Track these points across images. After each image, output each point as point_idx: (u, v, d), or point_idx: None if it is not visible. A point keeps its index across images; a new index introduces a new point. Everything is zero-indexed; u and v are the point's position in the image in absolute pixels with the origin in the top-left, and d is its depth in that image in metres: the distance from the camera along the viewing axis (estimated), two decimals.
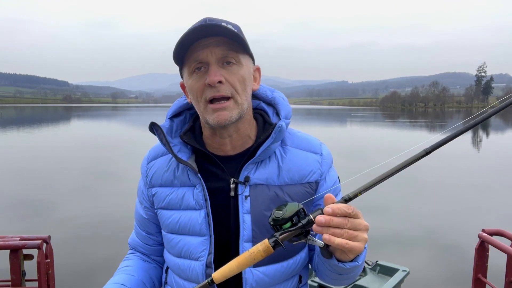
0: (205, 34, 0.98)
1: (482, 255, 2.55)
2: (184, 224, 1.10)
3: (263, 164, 1.09)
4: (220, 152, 1.12)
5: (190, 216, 1.09)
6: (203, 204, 1.07)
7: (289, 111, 1.14)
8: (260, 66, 1.15)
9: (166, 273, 1.23)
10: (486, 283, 2.54)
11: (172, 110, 1.18)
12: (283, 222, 0.84)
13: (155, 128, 1.11)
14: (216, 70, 0.99)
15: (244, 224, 1.06)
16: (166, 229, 1.16)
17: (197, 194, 1.08)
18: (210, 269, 1.06)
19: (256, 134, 1.14)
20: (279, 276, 1.09)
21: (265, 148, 1.06)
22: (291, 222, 0.84)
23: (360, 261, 0.95)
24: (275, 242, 0.83)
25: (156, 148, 1.21)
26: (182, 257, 1.12)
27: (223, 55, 1.00)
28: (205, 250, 1.08)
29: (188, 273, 1.11)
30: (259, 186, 1.08)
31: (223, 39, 0.99)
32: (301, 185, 1.11)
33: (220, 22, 0.98)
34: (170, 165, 1.15)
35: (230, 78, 1.00)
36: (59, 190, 9.64)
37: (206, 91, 1.00)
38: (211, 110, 1.01)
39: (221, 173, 1.09)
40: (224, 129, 1.06)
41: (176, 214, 1.12)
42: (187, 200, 1.10)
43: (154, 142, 1.21)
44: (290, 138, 1.16)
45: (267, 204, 1.07)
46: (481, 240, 2.54)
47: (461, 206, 8.25)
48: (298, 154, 1.13)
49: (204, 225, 1.07)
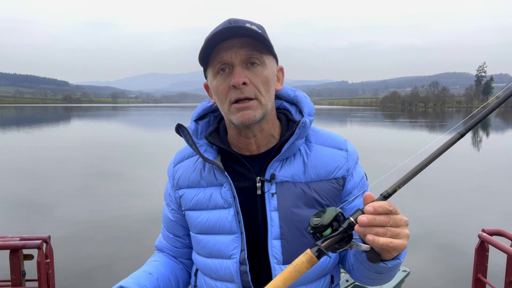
0: (230, 35, 0.99)
1: (482, 255, 2.55)
2: (213, 224, 1.11)
3: (288, 161, 1.10)
4: (245, 151, 1.13)
5: (219, 215, 1.10)
6: (232, 202, 1.08)
7: (312, 109, 1.15)
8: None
9: (195, 276, 1.23)
10: (486, 283, 2.54)
11: (196, 113, 1.19)
12: (323, 229, 0.80)
13: (181, 130, 1.13)
14: (240, 71, 1.00)
15: (272, 222, 1.06)
16: (194, 230, 1.16)
17: (225, 193, 1.09)
18: (244, 266, 1.07)
19: (280, 133, 1.15)
20: (310, 274, 1.07)
21: (290, 144, 1.07)
22: (331, 228, 0.80)
23: (402, 259, 0.93)
24: (319, 251, 0.79)
25: (182, 151, 1.24)
26: (213, 257, 1.12)
27: (247, 56, 1.01)
28: (237, 247, 1.08)
29: (220, 272, 1.11)
30: (285, 183, 1.09)
31: (247, 40, 1.00)
32: (328, 181, 1.11)
33: (244, 23, 1.00)
34: (196, 166, 1.16)
35: (254, 79, 1.02)
36: (59, 190, 9.64)
37: (230, 93, 1.02)
38: (235, 110, 1.02)
39: (246, 172, 1.10)
40: (248, 129, 1.07)
41: (204, 214, 1.13)
42: (215, 199, 1.11)
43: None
44: (314, 136, 1.16)
45: (294, 201, 1.07)
46: (481, 240, 2.54)
47: (461, 206, 8.26)
48: (323, 151, 1.13)
49: (234, 223, 1.08)
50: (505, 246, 2.36)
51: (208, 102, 1.20)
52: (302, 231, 1.07)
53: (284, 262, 1.06)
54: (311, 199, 1.09)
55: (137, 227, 6.65)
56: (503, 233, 2.50)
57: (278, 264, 1.06)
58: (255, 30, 0.98)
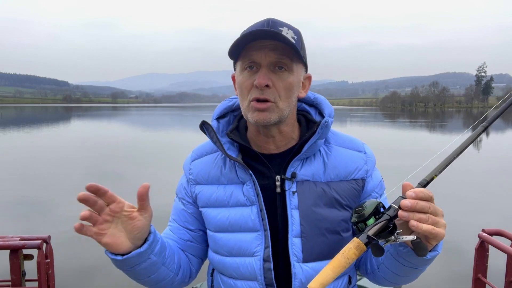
0: (264, 36, 1.00)
1: (482, 255, 2.55)
2: (235, 221, 1.10)
3: (308, 161, 1.11)
4: (264, 150, 1.14)
5: (241, 212, 1.10)
6: (255, 199, 1.09)
7: (332, 110, 1.16)
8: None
9: (211, 276, 1.22)
10: (486, 283, 2.54)
11: (217, 112, 1.20)
12: (366, 218, 0.82)
13: (205, 127, 1.14)
14: (265, 73, 1.02)
15: (293, 219, 1.07)
16: (213, 228, 1.14)
17: (247, 191, 1.09)
18: (268, 263, 1.07)
19: (300, 134, 1.16)
20: None
21: (311, 143, 1.08)
22: (375, 218, 0.82)
23: (439, 250, 0.94)
24: (368, 238, 0.80)
25: (201, 147, 1.24)
26: (233, 255, 1.11)
27: (276, 60, 1.02)
28: (260, 245, 1.08)
29: (242, 270, 1.10)
30: (306, 182, 1.10)
31: (280, 44, 1.01)
32: (348, 182, 1.12)
33: (283, 26, 1.02)
34: (216, 163, 1.16)
35: (278, 83, 1.03)
36: (59, 190, 9.64)
37: (252, 91, 1.04)
38: (253, 108, 1.04)
39: (266, 171, 1.11)
40: (266, 129, 1.09)
41: (224, 211, 1.12)
42: (236, 197, 1.11)
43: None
44: (333, 137, 1.18)
45: (315, 200, 1.08)
46: (481, 240, 2.54)
47: (461, 206, 8.26)
48: (343, 152, 1.15)
49: (257, 220, 1.08)
50: (505, 246, 2.36)
51: (229, 101, 1.22)
52: (322, 230, 1.08)
53: (304, 260, 1.07)
54: (331, 199, 1.10)
55: None
56: (503, 233, 2.50)
57: (298, 262, 1.07)
58: (288, 39, 0.99)
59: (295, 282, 1.06)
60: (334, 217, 1.09)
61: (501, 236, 2.52)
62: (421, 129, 35.22)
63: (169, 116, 65.47)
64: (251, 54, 1.02)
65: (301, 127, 1.17)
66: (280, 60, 1.02)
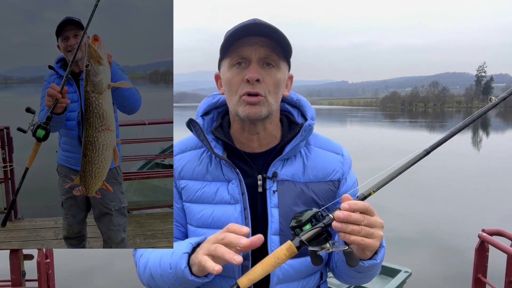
0: (254, 32, 1.03)
1: (482, 255, 2.55)
2: (217, 218, 1.11)
3: (289, 162, 1.15)
4: (247, 148, 1.16)
5: (224, 210, 1.11)
6: (239, 198, 1.11)
7: (314, 113, 1.20)
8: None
9: None
10: (486, 283, 2.54)
11: (202, 108, 1.21)
12: (303, 224, 0.87)
13: (192, 125, 1.16)
14: (256, 68, 1.04)
15: (272, 218, 1.10)
16: (196, 223, 1.15)
17: (232, 189, 1.11)
18: (247, 261, 1.08)
19: (282, 134, 1.19)
20: (304, 270, 1.13)
21: (294, 145, 1.12)
22: (311, 224, 0.87)
23: (378, 259, 1.00)
24: (300, 242, 0.86)
25: (185, 141, 1.24)
26: None
27: (265, 56, 1.04)
28: None
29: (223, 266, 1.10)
30: (286, 182, 1.13)
31: (268, 41, 1.04)
32: (325, 183, 1.17)
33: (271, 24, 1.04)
34: (203, 160, 1.17)
35: (267, 79, 1.05)
36: None
37: (242, 86, 1.05)
38: (244, 102, 1.05)
39: (248, 170, 1.13)
40: (252, 125, 1.11)
41: (208, 208, 1.13)
42: (221, 194, 1.12)
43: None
44: (313, 139, 1.22)
45: (294, 199, 1.12)
46: (481, 240, 2.54)
47: (461, 206, 8.26)
48: (322, 154, 1.19)
49: (240, 219, 1.10)
50: (505, 246, 2.36)
51: (213, 98, 1.23)
52: None
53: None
54: (309, 199, 1.14)
55: None
56: (503, 233, 2.50)
57: None
58: (280, 33, 1.02)
59: (273, 278, 1.09)
60: None
61: (501, 236, 2.52)
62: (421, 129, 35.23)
63: None
64: (242, 50, 1.04)
65: (283, 127, 1.19)
66: (268, 57, 1.04)
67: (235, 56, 1.05)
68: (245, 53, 1.04)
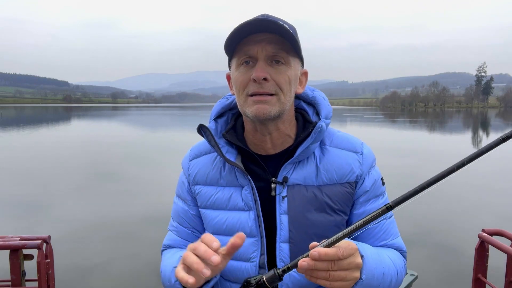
0: (260, 29, 0.98)
1: (482, 255, 2.55)
2: (232, 225, 1.09)
3: (301, 164, 1.09)
4: (261, 150, 1.12)
5: (238, 217, 1.09)
6: (253, 205, 1.07)
7: (329, 111, 1.13)
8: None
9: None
10: (486, 283, 2.54)
11: (215, 111, 1.18)
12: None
13: (203, 130, 1.12)
14: (263, 66, 0.99)
15: (281, 225, 1.06)
16: (211, 229, 1.13)
17: (246, 195, 1.08)
18: (263, 270, 1.06)
19: (296, 133, 1.13)
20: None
21: (304, 148, 1.06)
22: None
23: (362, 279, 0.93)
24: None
25: (199, 146, 1.22)
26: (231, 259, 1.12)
27: (273, 53, 1.00)
28: (257, 251, 1.07)
29: (239, 274, 1.09)
30: (297, 187, 1.08)
31: (276, 37, 0.99)
32: (341, 185, 1.09)
33: (277, 20, 0.98)
34: (216, 164, 1.15)
35: (276, 77, 1.01)
36: (59, 189, 9.63)
37: (249, 86, 1.01)
38: (251, 102, 1.01)
39: (262, 173, 1.10)
40: (263, 125, 1.06)
41: (222, 214, 1.11)
42: (235, 200, 1.10)
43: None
44: (329, 138, 1.15)
45: (305, 205, 1.06)
46: (481, 240, 2.54)
47: (461, 206, 8.25)
48: (337, 154, 1.12)
49: (254, 227, 1.07)
50: (505, 246, 2.35)
51: (226, 99, 1.20)
52: (311, 235, 1.05)
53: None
54: (322, 203, 1.07)
55: (137, 227, 6.65)
56: (503, 233, 2.50)
57: None
58: (286, 29, 0.97)
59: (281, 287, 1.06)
60: (325, 222, 1.07)
61: (501, 236, 2.51)
62: (421, 129, 35.21)
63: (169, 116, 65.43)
64: (248, 49, 1.00)
65: (298, 126, 1.14)
66: (277, 54, 1.00)
67: (242, 55, 1.02)
68: (251, 52, 1.00)
